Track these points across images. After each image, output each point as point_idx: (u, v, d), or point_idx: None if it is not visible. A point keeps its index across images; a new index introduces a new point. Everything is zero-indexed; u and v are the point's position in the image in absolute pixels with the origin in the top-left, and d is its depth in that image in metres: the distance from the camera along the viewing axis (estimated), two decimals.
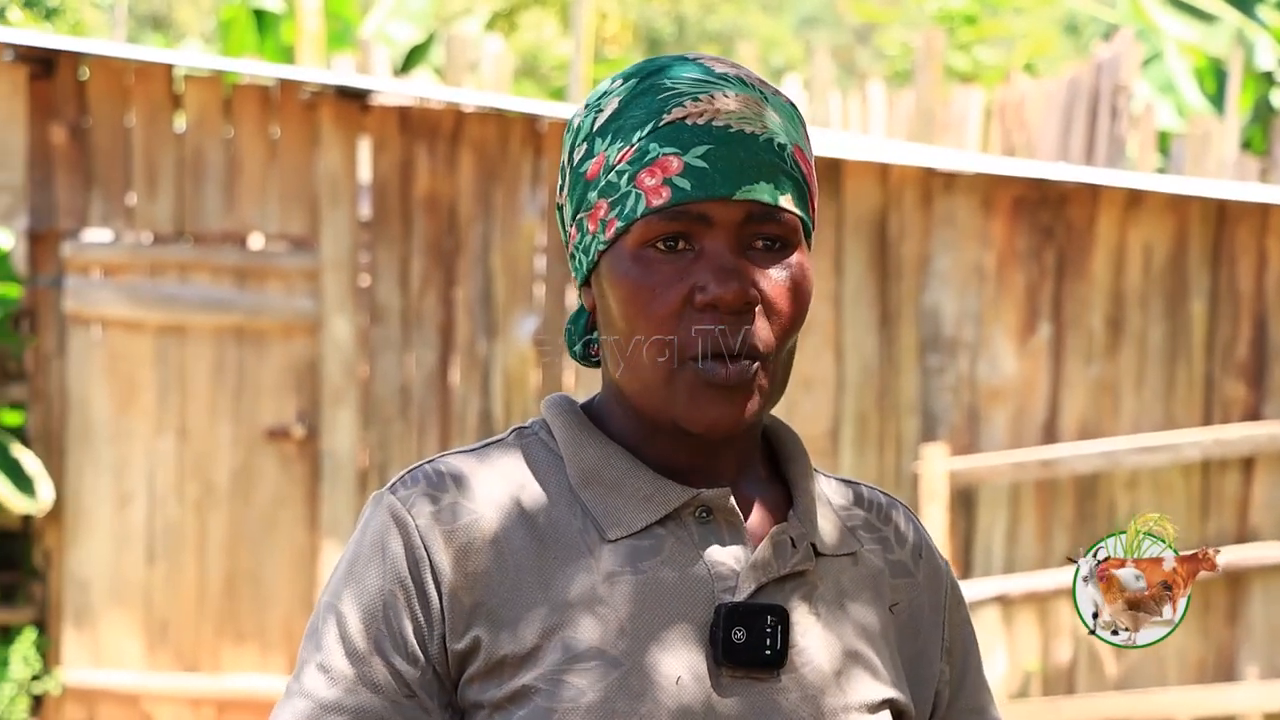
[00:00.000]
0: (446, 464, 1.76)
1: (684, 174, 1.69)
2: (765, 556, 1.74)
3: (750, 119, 1.72)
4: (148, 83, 7.43)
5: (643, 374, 1.72)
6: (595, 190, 1.73)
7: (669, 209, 1.69)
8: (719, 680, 1.70)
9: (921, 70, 9.43)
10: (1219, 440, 7.22)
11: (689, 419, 1.71)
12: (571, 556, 1.72)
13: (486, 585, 1.70)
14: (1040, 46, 19.38)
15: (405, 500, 1.73)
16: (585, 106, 1.77)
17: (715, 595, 1.72)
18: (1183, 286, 7.35)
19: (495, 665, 1.69)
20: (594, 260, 1.74)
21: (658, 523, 1.74)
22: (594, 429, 1.79)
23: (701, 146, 1.69)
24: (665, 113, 1.71)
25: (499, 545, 1.71)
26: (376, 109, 7.44)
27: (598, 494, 1.75)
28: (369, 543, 1.73)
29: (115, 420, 7.40)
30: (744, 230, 1.70)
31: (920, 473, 7.20)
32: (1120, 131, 9.13)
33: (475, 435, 7.37)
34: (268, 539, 7.43)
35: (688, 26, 28.46)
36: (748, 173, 1.70)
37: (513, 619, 1.69)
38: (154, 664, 7.42)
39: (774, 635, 1.70)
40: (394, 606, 1.70)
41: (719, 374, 1.69)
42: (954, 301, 7.36)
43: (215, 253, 7.43)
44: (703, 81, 1.73)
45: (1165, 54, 12.80)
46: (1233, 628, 7.32)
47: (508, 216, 7.41)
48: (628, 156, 1.71)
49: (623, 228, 1.71)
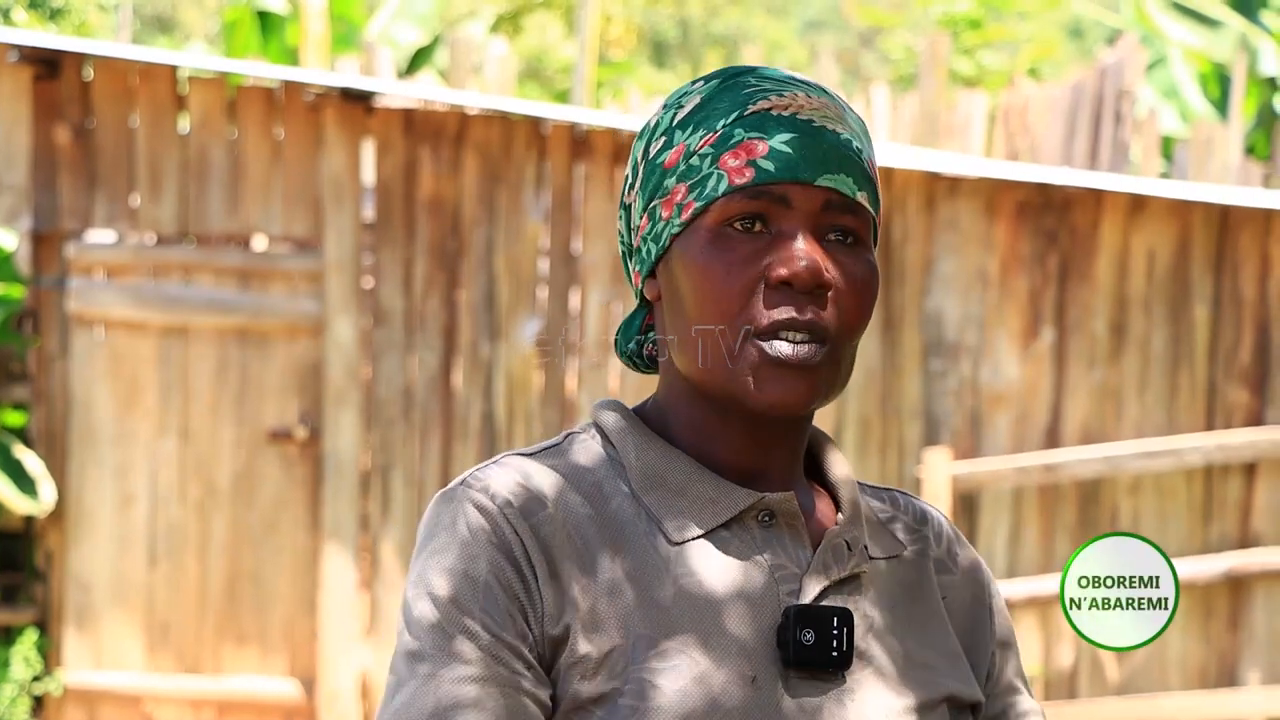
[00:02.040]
0: (512, 463, 1.77)
1: (769, 156, 1.72)
2: (825, 559, 1.77)
3: (832, 118, 1.75)
4: (152, 84, 7.44)
5: (709, 351, 1.74)
6: (673, 176, 1.76)
7: (751, 188, 1.72)
8: (789, 681, 1.72)
9: (926, 74, 9.43)
10: (1221, 445, 7.21)
11: (753, 396, 1.73)
12: (641, 559, 1.74)
13: (571, 576, 1.71)
14: (1044, 51, 19.37)
15: (485, 491, 1.73)
16: (664, 107, 1.80)
17: (781, 598, 1.74)
18: (1186, 292, 7.34)
19: (578, 661, 1.70)
20: (665, 245, 1.76)
21: (722, 526, 1.76)
22: (649, 432, 1.80)
23: (786, 133, 1.73)
24: (750, 104, 1.74)
25: (574, 543, 1.73)
26: (380, 111, 7.45)
27: (661, 498, 1.76)
28: (455, 532, 1.72)
29: (118, 421, 7.41)
30: (821, 218, 1.73)
31: (923, 477, 7.20)
32: (1124, 136, 9.13)
33: (478, 437, 7.37)
34: (269, 540, 7.43)
35: (692, 30, 28.47)
36: (829, 162, 1.73)
37: (594, 616, 1.71)
38: (155, 665, 7.42)
39: (840, 637, 1.73)
40: (492, 588, 1.69)
41: (785, 352, 1.71)
42: (957, 306, 7.35)
43: (219, 254, 7.43)
44: (785, 82, 1.76)
45: (1169, 59, 12.81)
46: (1235, 633, 7.32)
47: (511, 219, 7.41)
48: (711, 141, 1.74)
49: (701, 207, 1.73)
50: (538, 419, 7.38)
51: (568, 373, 7.44)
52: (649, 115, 1.84)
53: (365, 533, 7.42)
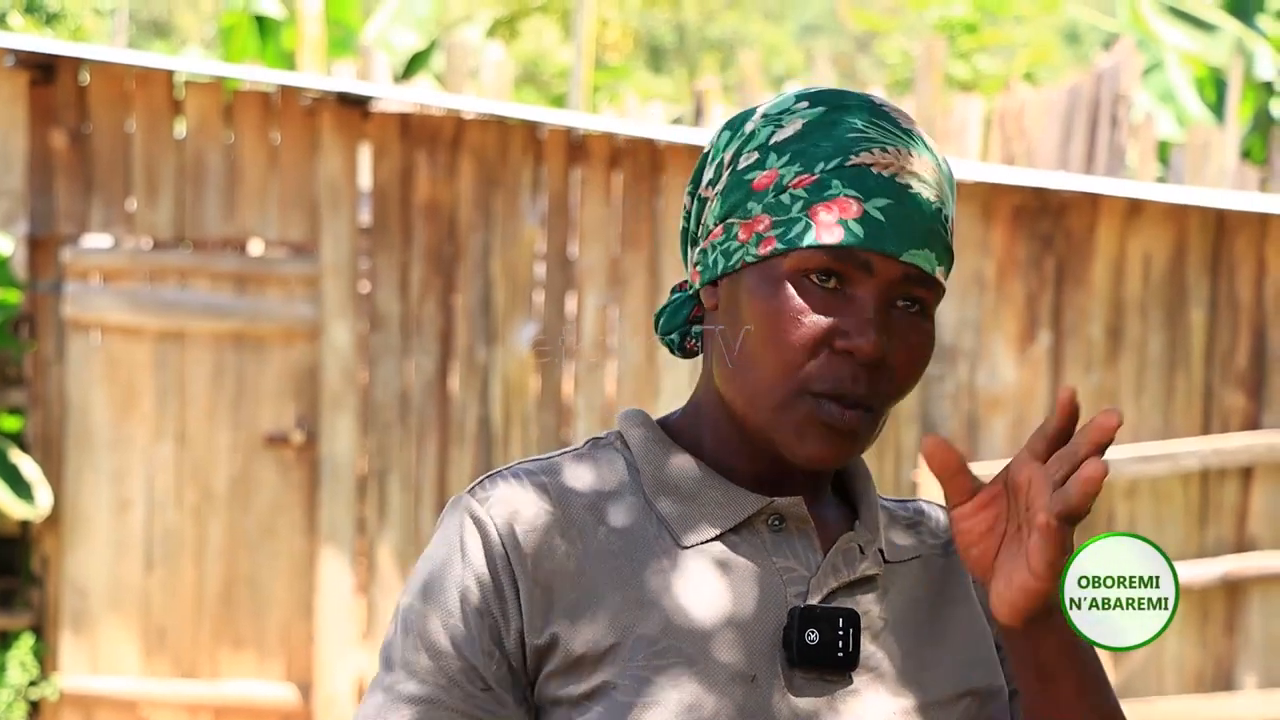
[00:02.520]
0: (525, 468, 1.80)
1: (861, 220, 1.72)
2: (835, 563, 1.79)
3: (930, 184, 1.75)
4: (148, 88, 7.44)
5: (759, 389, 1.76)
6: (760, 203, 1.76)
7: (836, 249, 1.72)
8: (793, 681, 1.74)
9: (922, 78, 9.44)
10: (1218, 450, 7.22)
11: (791, 449, 1.76)
12: (647, 560, 1.76)
13: (564, 584, 1.74)
14: (1041, 55, 19.39)
15: (484, 501, 1.77)
16: (763, 116, 1.79)
17: (788, 599, 1.76)
18: (1182, 296, 7.35)
19: (574, 662, 1.73)
20: (735, 266, 1.77)
21: (731, 530, 1.78)
22: (669, 441, 1.83)
23: (883, 199, 1.72)
24: (853, 153, 1.74)
25: (576, 547, 1.75)
26: (377, 115, 7.45)
27: (673, 502, 1.79)
28: (447, 541, 1.78)
29: (114, 426, 7.40)
30: (896, 288, 1.74)
31: (919, 481, 7.20)
32: (1120, 141, 9.14)
33: (474, 442, 7.37)
34: (266, 545, 7.43)
35: (689, 34, 28.48)
36: (917, 237, 1.73)
37: (590, 618, 1.73)
38: (152, 670, 7.41)
39: (846, 638, 1.75)
40: (469, 601, 1.74)
41: (836, 416, 1.73)
42: (954, 310, 7.36)
43: (215, 259, 7.43)
44: (891, 133, 1.76)
45: (1165, 63, 12.82)
46: (1231, 637, 7.32)
47: (508, 223, 7.41)
48: (806, 184, 1.74)
49: (782, 249, 1.74)
50: (534, 423, 7.38)
51: (565, 377, 7.44)
52: (745, 110, 1.83)
53: (362, 537, 7.41)
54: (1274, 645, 7.32)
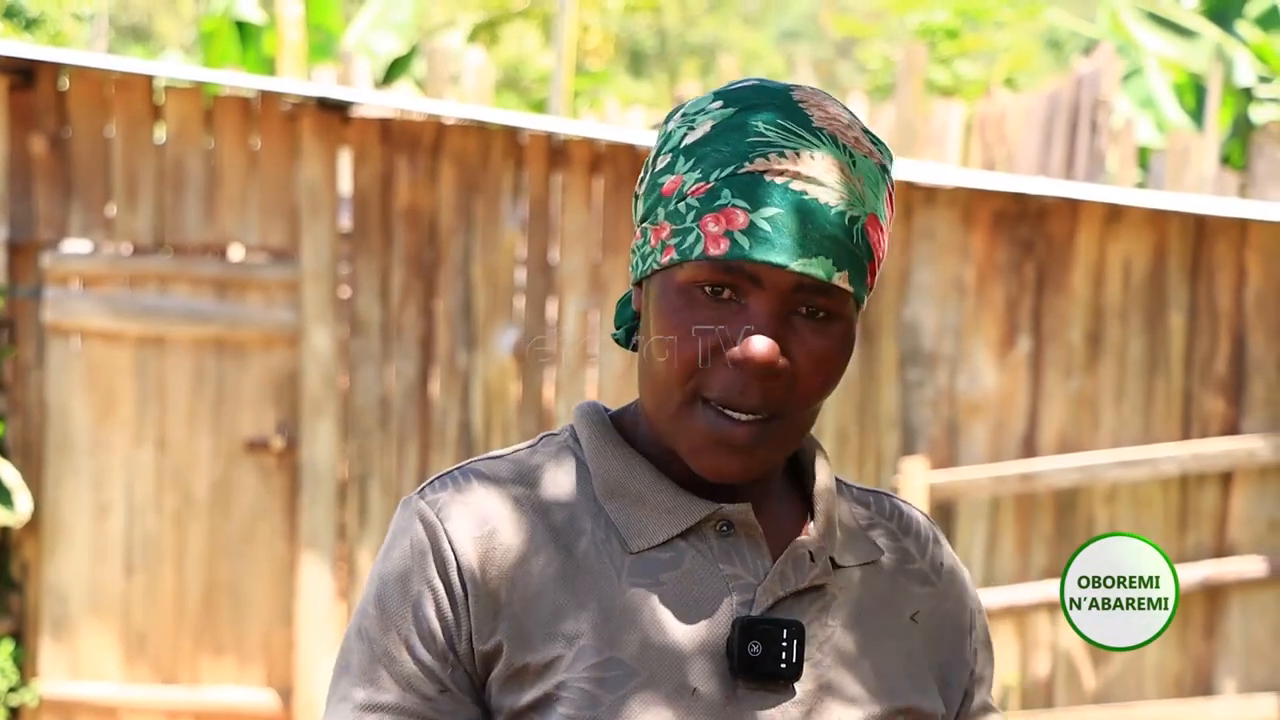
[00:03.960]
0: (475, 469, 1.79)
1: (747, 231, 1.69)
2: (784, 570, 1.76)
3: (829, 188, 1.70)
4: (128, 94, 7.43)
5: (659, 397, 1.74)
6: (665, 210, 1.73)
7: (723, 261, 1.69)
8: (735, 693, 1.72)
9: (902, 84, 9.45)
10: (1197, 455, 7.23)
11: (696, 464, 1.74)
12: (594, 567, 1.74)
13: (511, 590, 1.73)
14: (1021, 61, 19.42)
15: (434, 504, 1.76)
16: (682, 115, 1.77)
17: (734, 609, 1.74)
18: (1162, 301, 7.36)
19: (517, 672, 1.71)
20: (647, 271, 1.75)
21: (679, 536, 1.76)
22: (620, 439, 1.80)
23: (771, 208, 1.68)
24: (749, 159, 1.70)
25: (524, 552, 1.74)
26: (357, 121, 7.44)
27: (621, 506, 1.77)
28: (398, 545, 1.76)
29: (94, 431, 7.39)
30: (793, 297, 1.70)
31: (899, 486, 7.21)
32: (1100, 146, 9.15)
33: (455, 447, 7.37)
34: (247, 551, 7.42)
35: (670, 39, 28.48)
36: (809, 246, 1.69)
37: (534, 627, 1.72)
38: (132, 676, 7.40)
39: (790, 649, 1.73)
40: (422, 606, 1.73)
41: (727, 431, 1.71)
42: (934, 315, 7.36)
43: (195, 264, 7.42)
44: (795, 135, 1.71)
45: (1145, 69, 12.84)
46: (1210, 642, 7.33)
47: (488, 229, 7.40)
48: (701, 193, 1.71)
49: (677, 260, 1.71)
50: (515, 428, 7.37)
51: (545, 382, 7.44)
52: (679, 104, 1.81)
53: (342, 542, 7.40)
54: (1253, 650, 7.33)
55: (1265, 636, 7.33)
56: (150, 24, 28.01)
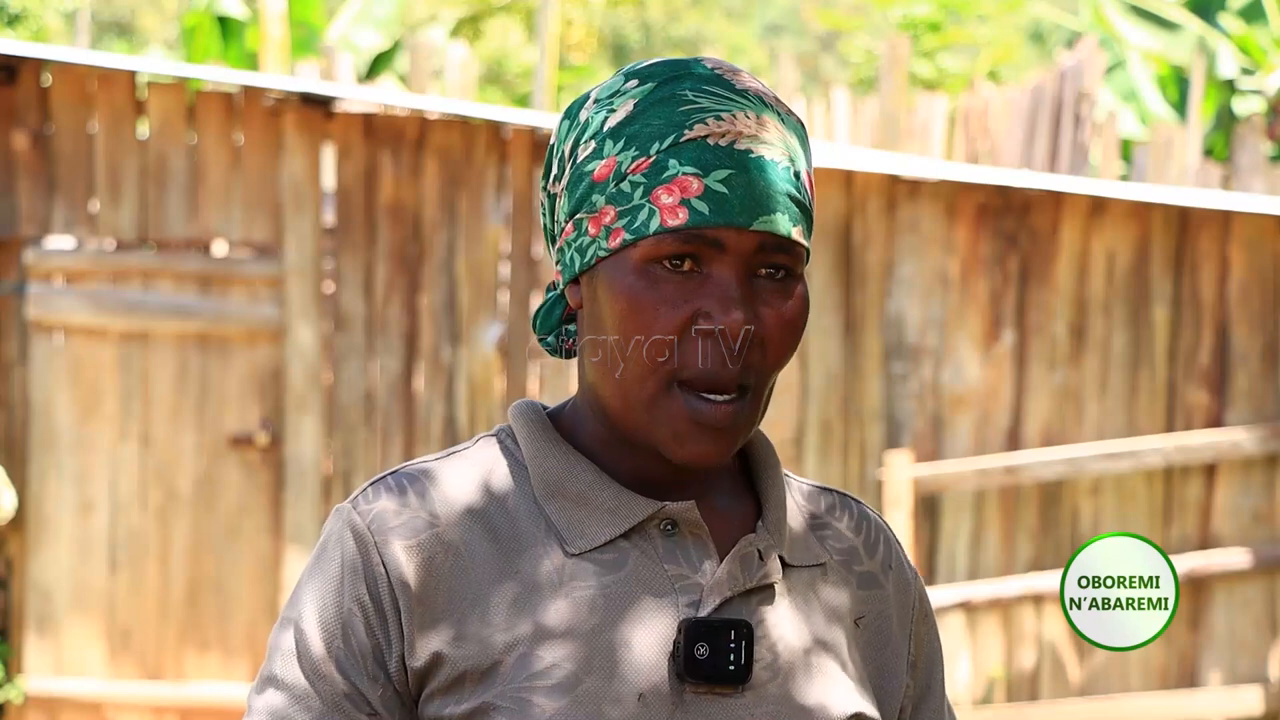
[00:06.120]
0: (409, 474, 1.74)
1: (703, 197, 1.66)
2: (731, 570, 1.72)
3: (771, 143, 1.68)
4: (111, 89, 7.41)
5: (629, 388, 1.69)
6: (602, 195, 1.69)
7: (684, 230, 1.66)
8: (682, 696, 1.68)
9: (886, 77, 9.45)
10: (1181, 447, 7.24)
11: (670, 451, 1.69)
12: (534, 571, 1.69)
13: (448, 600, 1.68)
14: (1004, 54, 19.44)
15: (365, 515, 1.70)
16: (595, 102, 1.73)
17: (680, 610, 1.70)
18: (1145, 293, 7.37)
19: (455, 680, 1.67)
20: (590, 263, 1.70)
21: (622, 536, 1.71)
22: (559, 438, 1.76)
23: (723, 170, 1.66)
24: (687, 128, 1.67)
25: (461, 559, 1.69)
26: (341, 116, 7.44)
27: (561, 506, 1.72)
28: (329, 558, 1.72)
29: (78, 427, 7.38)
30: (754, 259, 1.67)
31: (884, 479, 7.21)
32: (1083, 139, 9.16)
33: (439, 442, 7.36)
34: (231, 546, 7.41)
35: (653, 33, 28.48)
36: (766, 202, 1.66)
37: (474, 634, 1.67)
38: (117, 672, 7.39)
39: (738, 650, 1.68)
40: (353, 625, 1.69)
41: (709, 414, 1.67)
42: (918, 308, 7.37)
43: (178, 259, 7.41)
44: (725, 98, 1.69)
45: (1128, 62, 12.86)
46: (1195, 633, 7.35)
47: (472, 223, 7.40)
48: (643, 168, 1.67)
49: (631, 240, 1.67)
50: (499, 423, 7.37)
51: (530, 376, 7.44)
52: (581, 96, 1.76)
53: None
54: (1238, 641, 7.35)
55: (1249, 628, 7.35)
56: (133, 19, 27.97)
